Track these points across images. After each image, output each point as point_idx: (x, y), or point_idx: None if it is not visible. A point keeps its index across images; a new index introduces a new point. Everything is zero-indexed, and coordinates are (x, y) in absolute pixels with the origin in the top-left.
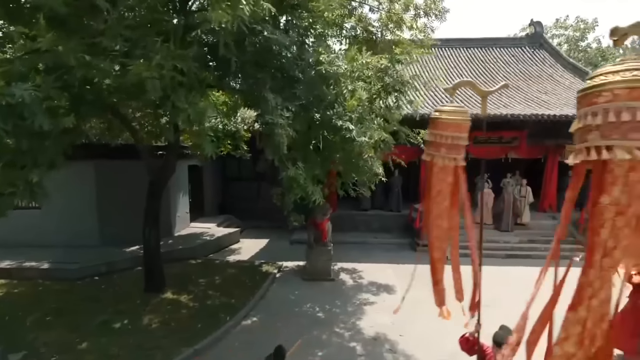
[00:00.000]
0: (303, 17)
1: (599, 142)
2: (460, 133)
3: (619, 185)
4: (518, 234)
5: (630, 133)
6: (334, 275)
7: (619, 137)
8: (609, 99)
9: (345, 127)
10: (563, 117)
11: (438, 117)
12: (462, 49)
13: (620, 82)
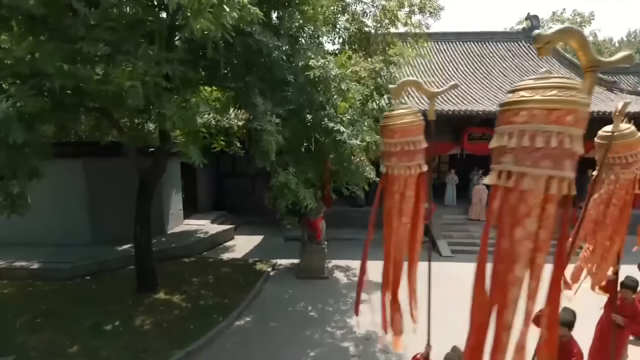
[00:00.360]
0: (295, 16)
1: (511, 167)
2: (410, 137)
3: (533, 217)
4: None
5: (543, 161)
6: (327, 273)
7: (531, 165)
8: (526, 119)
9: (337, 129)
10: None
11: (384, 124)
12: (458, 43)
13: (540, 101)
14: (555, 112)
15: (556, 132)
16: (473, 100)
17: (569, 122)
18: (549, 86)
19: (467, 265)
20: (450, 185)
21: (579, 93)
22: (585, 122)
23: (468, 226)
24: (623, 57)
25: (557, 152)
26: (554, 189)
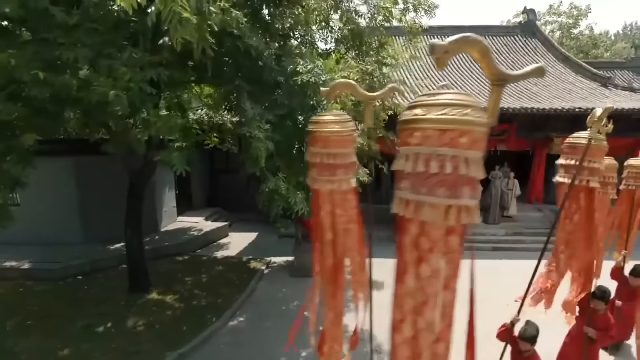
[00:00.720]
0: (285, 16)
1: (408, 195)
2: (331, 149)
3: (437, 252)
4: (504, 226)
5: (437, 188)
6: None
7: (426, 193)
8: (419, 141)
9: None
10: (552, 111)
11: (310, 129)
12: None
13: (433, 120)
14: (449, 133)
15: (450, 155)
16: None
17: (464, 145)
18: (441, 103)
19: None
20: None
21: (474, 111)
22: (482, 143)
23: None
24: (534, 69)
25: (453, 178)
26: (452, 219)
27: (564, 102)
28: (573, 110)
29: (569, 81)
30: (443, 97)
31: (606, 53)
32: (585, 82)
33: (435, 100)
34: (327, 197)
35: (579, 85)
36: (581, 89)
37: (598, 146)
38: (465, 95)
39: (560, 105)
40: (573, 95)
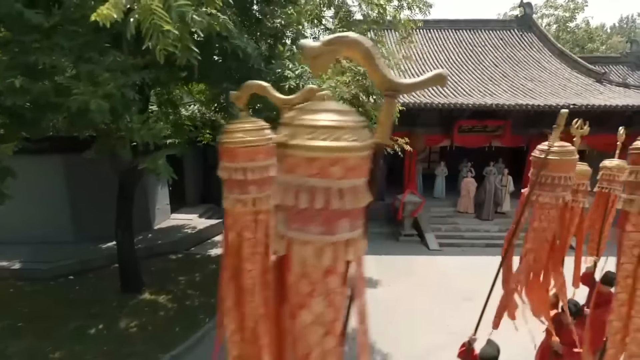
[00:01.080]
0: (277, 15)
1: (282, 230)
2: (238, 162)
3: (318, 295)
4: (498, 222)
5: (309, 224)
6: None
7: (297, 229)
8: (287, 168)
9: None
10: (547, 108)
11: (223, 142)
12: (450, 31)
13: (299, 147)
14: (317, 161)
15: (320, 187)
16: (464, 91)
17: (336, 174)
18: (310, 125)
19: (454, 259)
20: (439, 177)
21: (350, 134)
22: (361, 169)
23: (456, 219)
24: (433, 76)
25: (325, 213)
26: (328, 258)
27: (558, 98)
28: (567, 106)
29: (564, 77)
30: (313, 116)
31: (602, 47)
32: (581, 77)
33: (304, 120)
34: (238, 218)
35: (574, 81)
36: (576, 85)
37: (559, 160)
38: (342, 112)
39: (554, 101)
40: (568, 92)
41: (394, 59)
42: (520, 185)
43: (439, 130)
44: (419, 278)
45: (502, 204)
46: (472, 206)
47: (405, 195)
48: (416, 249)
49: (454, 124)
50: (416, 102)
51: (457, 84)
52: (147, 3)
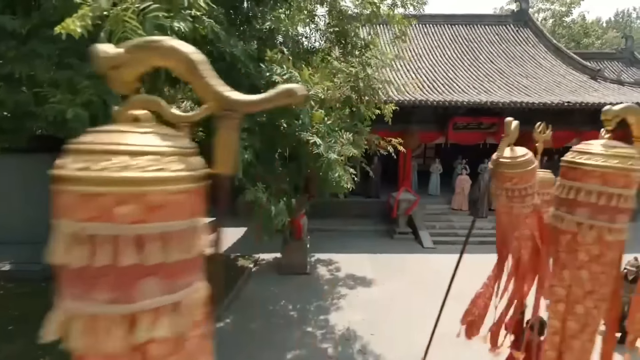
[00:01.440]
0: (267, 17)
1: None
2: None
3: None
4: (492, 220)
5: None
6: (310, 268)
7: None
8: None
9: (312, 141)
10: (541, 105)
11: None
12: (446, 26)
13: (86, 180)
14: (102, 199)
15: (103, 235)
16: (459, 88)
17: (126, 219)
18: (102, 150)
19: (448, 257)
20: (434, 175)
21: (156, 161)
22: (184, 207)
23: (450, 216)
24: (282, 92)
25: (115, 271)
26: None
27: (553, 95)
28: (562, 104)
29: (559, 73)
30: (102, 138)
31: (597, 42)
32: (575, 74)
33: (94, 144)
34: None
35: (569, 78)
36: (571, 82)
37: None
38: (152, 131)
39: (549, 99)
40: (562, 89)
41: (388, 58)
42: None
43: (433, 127)
44: (414, 277)
45: None
46: (467, 204)
47: (400, 193)
48: (410, 247)
49: (448, 121)
50: (410, 99)
51: (453, 81)
52: (119, 14)
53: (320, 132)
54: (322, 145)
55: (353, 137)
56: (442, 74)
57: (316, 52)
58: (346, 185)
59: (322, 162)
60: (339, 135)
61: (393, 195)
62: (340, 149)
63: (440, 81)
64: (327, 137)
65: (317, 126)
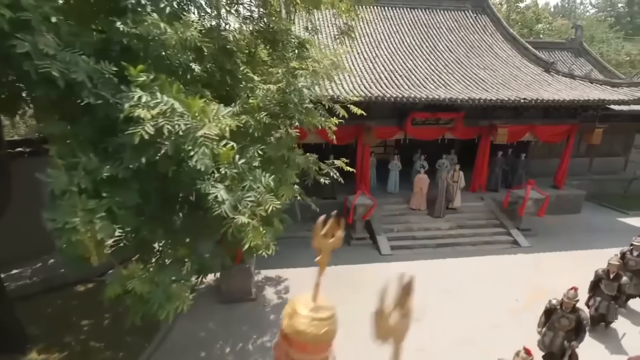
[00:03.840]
0: (129, 25)
1: None
2: None
3: None
4: (449, 219)
5: None
6: (256, 291)
7: None
8: None
9: (213, 195)
10: (498, 102)
11: None
12: (406, 10)
13: None
14: None
15: None
16: (417, 82)
17: None
18: None
19: (405, 266)
20: (393, 172)
21: None
22: None
23: (409, 217)
24: None
25: None
26: None
27: (509, 89)
28: (519, 100)
29: (515, 65)
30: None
31: (547, 27)
32: (530, 66)
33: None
34: None
35: (524, 71)
36: (526, 75)
37: None
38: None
39: (506, 94)
40: (518, 82)
41: (328, 60)
42: (470, 175)
43: (392, 122)
44: (370, 292)
45: (454, 200)
46: (425, 203)
47: (357, 198)
48: (368, 254)
49: (407, 116)
50: (367, 95)
51: (412, 72)
52: None
53: (228, 178)
54: (228, 201)
55: (280, 176)
56: (401, 63)
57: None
58: (268, 250)
59: (228, 225)
60: (258, 176)
61: (350, 198)
62: (259, 198)
63: (399, 72)
64: (241, 183)
65: (225, 168)
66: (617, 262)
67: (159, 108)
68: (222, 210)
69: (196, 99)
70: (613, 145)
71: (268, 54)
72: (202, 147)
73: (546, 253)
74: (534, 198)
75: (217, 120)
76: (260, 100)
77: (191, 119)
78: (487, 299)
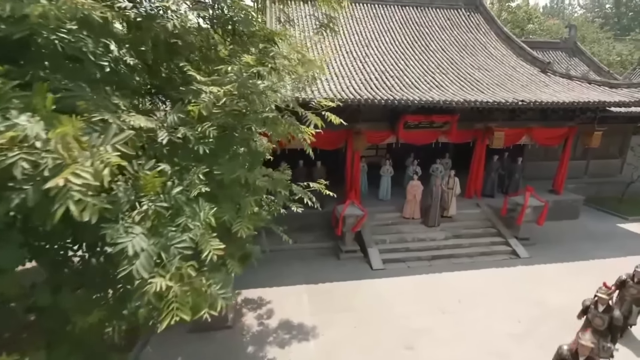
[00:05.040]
0: None
1: None
2: None
3: None
4: (444, 227)
5: None
6: (233, 317)
7: None
8: None
9: (121, 245)
10: (495, 104)
11: None
12: (396, 8)
13: None
14: None
15: None
16: (409, 83)
17: None
18: None
19: (398, 282)
20: (385, 177)
21: None
22: None
23: (401, 226)
24: None
25: None
26: None
27: (504, 90)
28: (516, 103)
29: (510, 65)
30: None
31: (538, 27)
32: (526, 66)
33: None
34: None
35: (519, 71)
36: (522, 75)
37: None
38: None
39: (503, 96)
40: (514, 83)
41: (296, 53)
42: (465, 180)
43: (383, 126)
44: (360, 314)
45: (449, 208)
46: (419, 211)
47: (346, 208)
48: (358, 269)
49: (399, 119)
50: (356, 97)
51: (403, 72)
52: None
53: (150, 216)
54: (145, 253)
55: (238, 205)
56: (392, 63)
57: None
58: (215, 309)
59: (140, 289)
60: (199, 210)
61: (338, 208)
62: (198, 240)
63: (390, 72)
64: (173, 221)
65: (148, 203)
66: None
67: (11, 133)
68: (135, 269)
69: (68, 118)
70: (609, 148)
71: (229, 50)
72: (66, 201)
73: (547, 265)
74: (533, 206)
75: (97, 156)
76: (204, 107)
77: (50, 154)
78: (487, 321)
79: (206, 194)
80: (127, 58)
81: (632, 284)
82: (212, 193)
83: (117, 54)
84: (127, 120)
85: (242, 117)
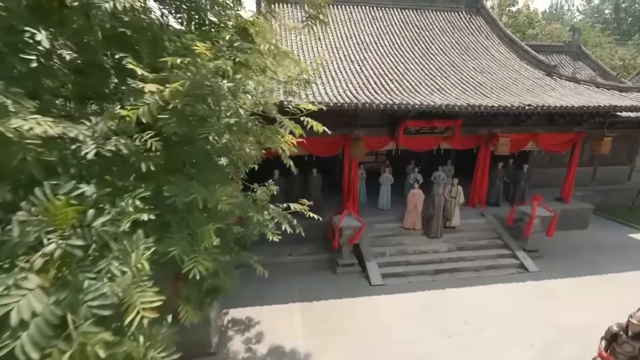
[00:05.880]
0: None
1: None
2: None
3: None
4: (447, 239)
5: None
6: (218, 342)
7: None
8: None
9: (5, 308)
10: (501, 109)
11: None
12: (396, 10)
13: None
14: None
15: None
16: (410, 87)
17: None
18: None
19: (399, 300)
20: (384, 186)
21: None
22: None
23: (402, 238)
24: None
25: None
26: None
27: (509, 94)
28: (523, 107)
29: (514, 68)
30: None
31: (539, 31)
32: (530, 69)
33: None
34: None
35: (524, 74)
36: (527, 79)
37: None
38: None
39: (509, 100)
40: (519, 86)
41: (267, 44)
42: (468, 188)
43: (383, 132)
44: (358, 338)
45: (452, 218)
46: (420, 222)
47: (343, 219)
48: (356, 285)
49: (399, 125)
50: (353, 101)
51: (404, 76)
52: None
53: (54, 260)
54: (36, 322)
55: (195, 235)
56: (392, 66)
57: None
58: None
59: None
60: (129, 248)
61: (335, 219)
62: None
63: (389, 76)
64: (94, 265)
65: (57, 241)
66: None
67: None
68: (17, 347)
69: None
70: (617, 153)
71: (187, 40)
72: None
73: (557, 280)
74: (542, 216)
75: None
76: (144, 112)
77: None
78: (497, 345)
79: (152, 222)
80: (64, 52)
81: None
82: (162, 220)
83: (47, 45)
84: (21, 125)
85: (202, 123)
